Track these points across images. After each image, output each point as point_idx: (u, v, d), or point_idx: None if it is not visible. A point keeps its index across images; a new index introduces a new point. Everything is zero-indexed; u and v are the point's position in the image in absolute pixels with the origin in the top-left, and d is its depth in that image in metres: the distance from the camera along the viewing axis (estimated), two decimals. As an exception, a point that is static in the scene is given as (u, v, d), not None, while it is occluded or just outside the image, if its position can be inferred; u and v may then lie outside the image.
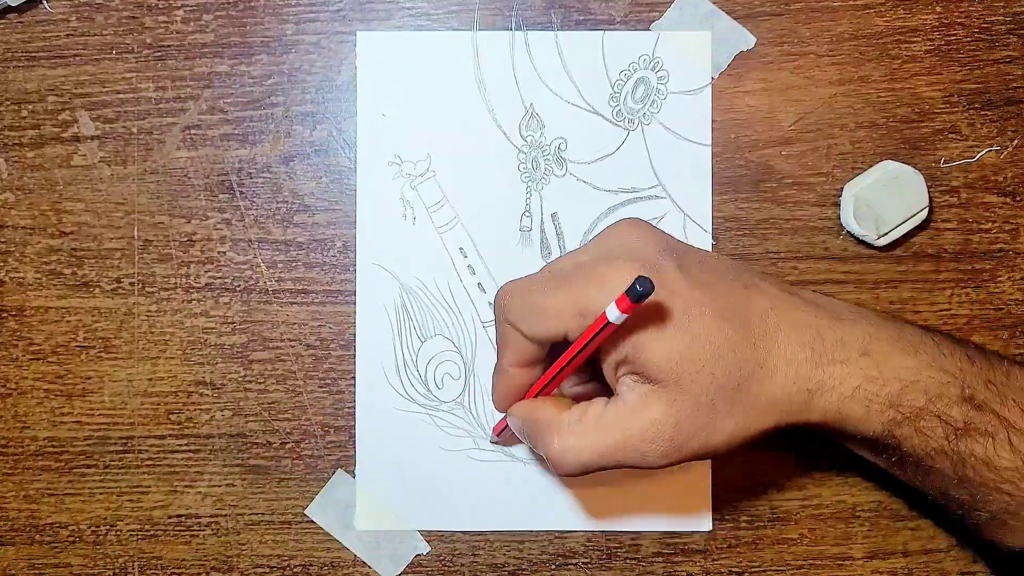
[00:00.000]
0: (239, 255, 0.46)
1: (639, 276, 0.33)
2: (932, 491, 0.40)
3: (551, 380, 0.40)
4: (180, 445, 0.46)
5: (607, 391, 0.39)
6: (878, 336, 0.38)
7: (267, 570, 0.46)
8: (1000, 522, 0.39)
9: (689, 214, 0.46)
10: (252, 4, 0.46)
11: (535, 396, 0.41)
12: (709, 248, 0.46)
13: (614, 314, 0.35)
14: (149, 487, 0.46)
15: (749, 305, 0.37)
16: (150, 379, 0.46)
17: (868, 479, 0.46)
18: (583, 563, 0.47)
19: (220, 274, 0.46)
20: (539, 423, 0.39)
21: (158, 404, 0.46)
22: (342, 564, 0.46)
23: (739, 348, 0.36)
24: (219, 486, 0.46)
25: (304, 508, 0.46)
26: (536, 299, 0.38)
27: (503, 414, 0.43)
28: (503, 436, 0.45)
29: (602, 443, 0.37)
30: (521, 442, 0.45)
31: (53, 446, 0.46)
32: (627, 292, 0.34)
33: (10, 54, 0.46)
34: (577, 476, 0.38)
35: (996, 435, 0.37)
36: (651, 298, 0.34)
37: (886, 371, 0.37)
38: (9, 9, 0.46)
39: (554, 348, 0.40)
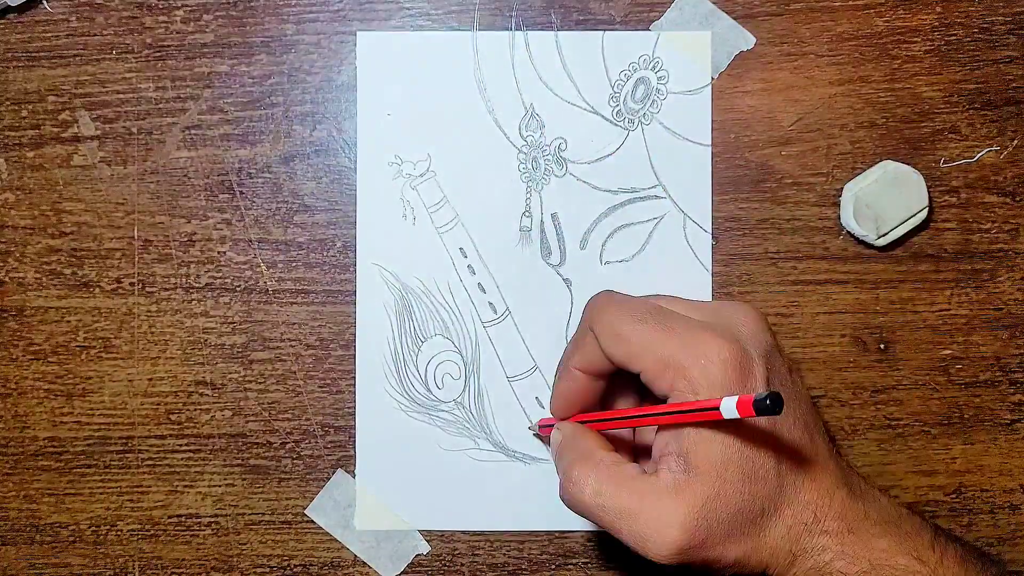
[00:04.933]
0: (239, 255, 0.46)
1: (774, 393, 0.32)
2: None
3: (617, 419, 0.40)
4: (180, 445, 0.46)
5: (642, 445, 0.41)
6: (871, 516, 0.38)
7: (267, 570, 0.46)
8: None
9: (689, 214, 0.46)
10: (252, 4, 0.46)
11: (585, 420, 0.41)
12: (709, 249, 0.46)
13: (730, 410, 0.33)
14: (149, 487, 0.46)
15: (800, 446, 0.38)
16: (150, 379, 0.46)
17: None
18: (583, 563, 0.47)
19: (220, 274, 0.46)
20: (576, 449, 0.39)
21: (158, 404, 0.46)
22: (342, 564, 0.46)
23: (773, 480, 0.37)
24: (219, 486, 0.46)
25: (304, 508, 0.46)
26: (627, 327, 0.38)
27: (551, 413, 0.43)
28: (543, 433, 0.45)
29: (616, 503, 0.37)
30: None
31: (53, 446, 0.46)
32: (756, 401, 0.32)
33: (10, 54, 0.46)
34: (570, 509, 0.38)
35: None
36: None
37: (860, 550, 0.37)
38: (9, 9, 0.46)
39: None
